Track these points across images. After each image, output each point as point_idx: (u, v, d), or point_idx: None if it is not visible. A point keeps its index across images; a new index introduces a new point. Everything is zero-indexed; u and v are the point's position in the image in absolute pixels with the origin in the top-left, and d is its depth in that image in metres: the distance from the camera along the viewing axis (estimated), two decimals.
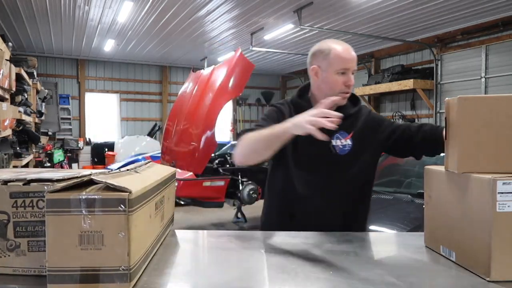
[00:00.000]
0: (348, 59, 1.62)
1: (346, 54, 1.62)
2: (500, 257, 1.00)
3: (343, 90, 1.63)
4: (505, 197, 1.00)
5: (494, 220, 1.00)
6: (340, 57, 1.62)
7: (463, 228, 1.12)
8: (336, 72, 1.62)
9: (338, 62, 1.61)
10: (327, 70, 1.63)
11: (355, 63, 1.65)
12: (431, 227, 1.30)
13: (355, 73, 1.67)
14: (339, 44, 1.65)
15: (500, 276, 1.00)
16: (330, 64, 1.62)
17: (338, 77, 1.62)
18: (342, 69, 1.61)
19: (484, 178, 1.03)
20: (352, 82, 1.64)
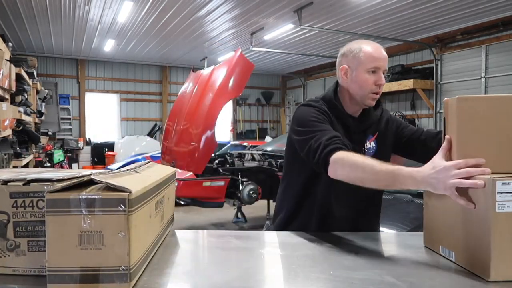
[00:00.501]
0: (379, 57, 1.57)
1: (377, 52, 1.58)
2: (500, 257, 1.00)
3: (374, 89, 1.58)
4: (504, 197, 0.99)
5: (494, 220, 0.99)
6: (371, 55, 1.56)
7: (462, 228, 1.12)
8: (367, 71, 1.56)
9: (369, 61, 1.56)
10: (357, 69, 1.58)
11: (386, 62, 1.60)
12: (430, 227, 1.30)
13: (385, 73, 1.61)
14: (370, 44, 1.61)
15: (499, 276, 1.00)
16: (361, 63, 1.57)
17: (369, 76, 1.57)
18: (373, 67, 1.56)
19: (483, 178, 1.03)
20: (383, 81, 1.58)
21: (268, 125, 14.26)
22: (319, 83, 12.46)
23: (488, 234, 1.00)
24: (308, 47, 9.56)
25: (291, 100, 13.79)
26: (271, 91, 14.26)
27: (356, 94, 1.61)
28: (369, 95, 1.59)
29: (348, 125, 1.63)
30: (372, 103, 1.62)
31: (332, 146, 1.40)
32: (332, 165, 1.37)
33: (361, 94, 1.59)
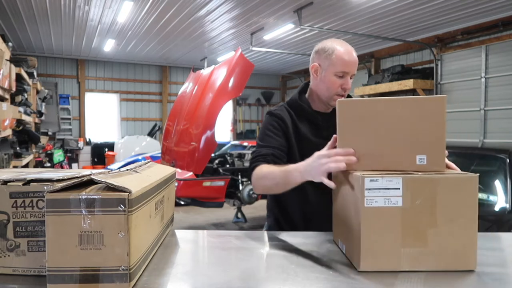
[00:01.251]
0: (349, 62, 1.60)
1: (348, 57, 1.60)
2: (369, 249, 1.07)
3: (339, 92, 1.63)
4: (372, 193, 1.06)
5: (363, 214, 1.07)
6: (341, 59, 1.60)
7: (347, 222, 1.20)
8: (335, 74, 1.61)
9: (338, 64, 1.60)
10: (327, 69, 1.63)
11: (355, 67, 1.63)
12: (335, 221, 1.37)
13: (353, 78, 1.66)
14: (343, 46, 1.62)
15: (368, 267, 1.07)
16: (331, 64, 1.61)
17: (336, 79, 1.61)
18: (341, 71, 1.60)
19: (355, 175, 1.10)
20: (349, 86, 1.63)
21: None
22: None
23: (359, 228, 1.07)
24: (308, 47, 9.56)
25: None
26: (271, 91, 14.26)
27: (322, 94, 1.67)
28: (334, 97, 1.64)
29: (316, 122, 1.70)
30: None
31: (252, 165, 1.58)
32: (252, 183, 1.57)
33: (327, 95, 1.66)
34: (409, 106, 1.18)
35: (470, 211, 1.08)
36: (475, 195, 1.08)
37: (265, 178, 1.48)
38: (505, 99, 7.03)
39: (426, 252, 1.07)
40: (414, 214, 1.07)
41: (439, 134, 1.18)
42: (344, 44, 1.64)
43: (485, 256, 1.21)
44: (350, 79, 1.63)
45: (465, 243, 1.08)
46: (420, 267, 1.08)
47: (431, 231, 1.07)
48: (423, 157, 1.18)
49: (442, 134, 1.18)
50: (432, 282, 1.02)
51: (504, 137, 6.93)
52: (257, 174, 1.52)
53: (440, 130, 1.17)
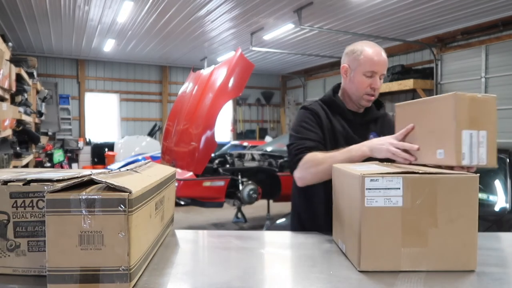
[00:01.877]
0: (378, 62, 1.64)
1: (377, 57, 1.64)
2: (369, 249, 1.07)
3: (368, 92, 1.67)
4: (372, 193, 1.06)
5: (363, 214, 1.07)
6: (370, 59, 1.64)
7: (347, 222, 1.20)
8: (364, 74, 1.65)
9: (367, 64, 1.64)
10: (356, 70, 1.67)
11: (385, 67, 1.67)
12: (335, 221, 1.38)
13: (383, 78, 1.69)
14: (372, 47, 1.67)
15: (369, 267, 1.07)
16: (359, 65, 1.65)
17: (365, 79, 1.65)
18: (370, 71, 1.64)
19: (356, 174, 1.11)
20: (378, 86, 1.67)
21: (268, 125, 14.26)
22: (319, 83, 12.46)
23: (359, 228, 1.08)
24: (308, 47, 9.56)
25: (291, 100, 13.79)
26: (271, 91, 14.26)
27: (352, 94, 1.72)
28: (364, 97, 1.69)
29: (349, 119, 1.74)
30: (366, 104, 1.72)
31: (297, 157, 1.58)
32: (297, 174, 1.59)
33: (357, 94, 1.70)
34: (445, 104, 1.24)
35: (470, 211, 1.08)
36: (475, 195, 1.08)
37: (321, 161, 1.50)
38: (505, 99, 7.03)
39: (426, 252, 1.07)
40: (414, 214, 1.07)
41: (456, 131, 1.21)
42: (373, 45, 1.68)
43: (485, 256, 1.21)
44: (380, 79, 1.67)
45: (465, 243, 1.08)
46: (420, 267, 1.08)
47: (431, 231, 1.07)
48: (441, 151, 1.23)
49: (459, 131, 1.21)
50: (432, 282, 1.02)
51: (504, 137, 6.93)
52: (308, 161, 1.54)
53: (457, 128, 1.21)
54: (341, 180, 1.27)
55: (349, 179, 1.18)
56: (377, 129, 1.77)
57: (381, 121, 1.82)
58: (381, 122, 1.81)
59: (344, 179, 1.24)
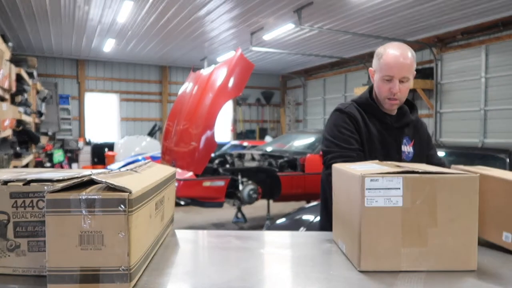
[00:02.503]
0: (394, 66, 1.59)
1: (394, 61, 1.60)
2: (369, 249, 1.07)
3: (388, 96, 1.64)
4: (372, 193, 1.06)
5: (363, 214, 1.06)
6: (386, 63, 1.61)
7: (346, 221, 1.21)
8: (382, 78, 1.63)
9: (384, 68, 1.62)
10: (377, 73, 1.67)
11: (403, 71, 1.60)
12: (335, 221, 1.37)
13: (407, 82, 1.63)
14: (394, 49, 1.62)
15: (369, 267, 1.07)
16: (379, 69, 1.65)
17: (384, 83, 1.63)
18: (386, 75, 1.61)
19: (356, 174, 1.10)
20: (396, 90, 1.61)
21: (268, 125, 14.26)
22: (319, 83, 12.46)
23: (359, 228, 1.07)
24: (308, 47, 9.56)
25: (291, 100, 13.80)
26: (271, 91, 14.26)
27: (378, 96, 1.71)
28: (385, 101, 1.66)
29: (385, 121, 1.71)
30: (390, 107, 1.68)
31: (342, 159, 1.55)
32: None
33: (380, 98, 1.69)
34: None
35: (470, 211, 1.08)
36: (475, 195, 1.08)
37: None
38: (505, 99, 7.03)
39: (426, 252, 1.07)
40: (414, 214, 1.07)
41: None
42: (397, 47, 1.63)
43: (485, 256, 1.21)
44: (403, 82, 1.61)
45: (465, 243, 1.08)
46: (420, 267, 1.08)
47: (432, 231, 1.07)
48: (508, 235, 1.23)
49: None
50: (432, 282, 1.02)
51: (504, 137, 6.93)
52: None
53: None
54: (341, 180, 1.27)
55: (349, 179, 1.18)
56: (410, 134, 1.75)
57: (413, 126, 1.79)
58: (413, 127, 1.78)
59: (344, 179, 1.24)
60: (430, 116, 8.56)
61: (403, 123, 1.74)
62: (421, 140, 1.79)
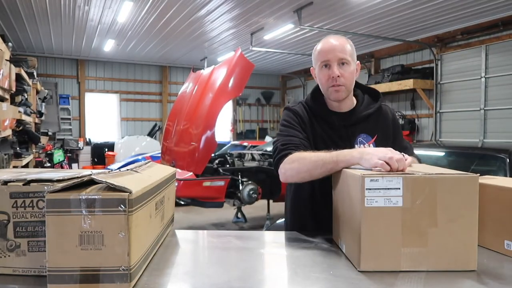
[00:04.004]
0: (327, 50, 1.54)
1: (326, 46, 1.55)
2: (369, 249, 1.07)
3: (330, 83, 1.55)
4: (372, 193, 1.06)
5: (363, 214, 1.07)
6: (320, 51, 1.56)
7: (347, 222, 1.20)
8: (320, 67, 1.57)
9: (319, 57, 1.56)
10: (315, 66, 1.61)
11: (338, 52, 1.53)
12: (334, 222, 1.37)
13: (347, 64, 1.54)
14: (325, 38, 1.59)
15: (368, 267, 1.07)
16: (316, 61, 1.59)
17: (322, 72, 1.56)
18: (323, 62, 1.55)
19: (356, 175, 1.10)
20: (336, 73, 1.52)
21: (268, 125, 14.26)
22: None
23: (359, 228, 1.07)
24: (308, 47, 9.56)
25: (291, 100, 13.80)
26: (271, 91, 14.25)
27: (323, 92, 1.62)
28: (329, 89, 1.56)
29: (331, 121, 1.61)
30: (337, 96, 1.57)
31: (283, 152, 1.49)
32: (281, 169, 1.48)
33: (324, 90, 1.60)
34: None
35: (470, 211, 1.08)
36: (475, 195, 1.08)
37: (307, 160, 1.39)
38: (505, 99, 7.03)
39: (426, 252, 1.07)
40: (414, 214, 1.07)
41: None
42: (328, 37, 1.60)
43: (485, 256, 1.21)
44: (343, 65, 1.53)
45: (466, 243, 1.08)
46: (420, 267, 1.08)
47: (432, 231, 1.07)
48: (510, 243, 1.23)
49: None
50: (432, 282, 1.02)
51: (504, 137, 6.93)
52: (294, 157, 1.44)
53: None
54: (341, 180, 1.27)
55: (349, 179, 1.18)
56: (369, 129, 1.61)
57: (375, 118, 1.64)
58: (374, 120, 1.63)
59: (344, 179, 1.24)
60: (430, 116, 8.56)
61: (356, 119, 1.61)
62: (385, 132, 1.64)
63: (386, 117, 1.68)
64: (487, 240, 1.29)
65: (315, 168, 1.36)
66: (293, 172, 1.44)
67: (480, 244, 1.17)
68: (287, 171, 1.46)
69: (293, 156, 1.45)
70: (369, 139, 1.60)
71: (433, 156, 3.66)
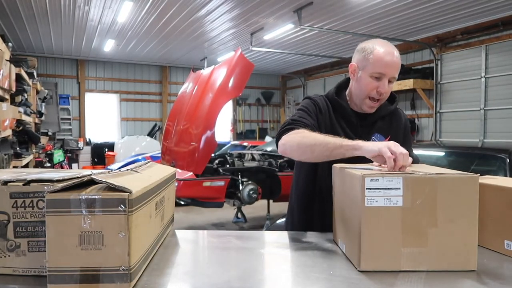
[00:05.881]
0: (388, 63, 1.49)
1: (388, 57, 1.49)
2: (369, 249, 1.07)
3: (373, 95, 1.53)
4: (372, 193, 1.06)
5: (363, 214, 1.07)
6: (379, 59, 1.49)
7: (346, 221, 1.21)
8: (371, 75, 1.51)
9: (376, 65, 1.49)
10: (364, 70, 1.54)
11: (395, 70, 1.52)
12: (334, 221, 1.37)
13: (393, 82, 1.54)
14: (384, 46, 1.52)
15: (369, 267, 1.07)
16: (368, 65, 1.52)
17: (372, 81, 1.51)
18: (378, 72, 1.50)
19: (356, 174, 1.10)
20: (385, 90, 1.51)
21: (268, 125, 14.26)
22: (319, 83, 12.46)
23: (359, 228, 1.08)
24: (308, 47, 9.56)
25: (291, 100, 13.79)
26: (271, 91, 14.25)
27: (356, 96, 1.60)
28: (366, 101, 1.56)
29: (351, 120, 1.62)
30: (368, 110, 1.58)
31: (289, 126, 1.46)
32: (283, 139, 1.43)
33: (360, 97, 1.57)
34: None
35: (470, 211, 1.08)
36: (475, 195, 1.08)
37: (311, 135, 1.36)
38: (505, 99, 7.03)
39: (427, 252, 1.07)
40: (414, 214, 1.07)
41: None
42: (386, 44, 1.53)
43: (485, 256, 1.21)
44: (390, 83, 1.52)
45: (466, 243, 1.08)
46: (420, 267, 1.08)
47: (432, 231, 1.07)
48: (510, 243, 1.23)
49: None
50: (432, 282, 1.02)
51: (504, 137, 6.93)
52: (299, 131, 1.41)
53: None
54: (341, 180, 1.27)
55: (349, 179, 1.18)
56: (384, 129, 1.63)
57: (389, 119, 1.67)
58: (389, 120, 1.67)
59: (344, 179, 1.24)
60: (430, 116, 8.56)
61: (373, 119, 1.63)
62: (398, 132, 1.67)
63: (399, 121, 1.72)
64: (487, 240, 1.29)
65: (317, 144, 1.32)
66: (293, 143, 1.39)
67: (480, 244, 1.16)
68: (287, 142, 1.41)
69: (299, 130, 1.42)
70: (382, 139, 1.61)
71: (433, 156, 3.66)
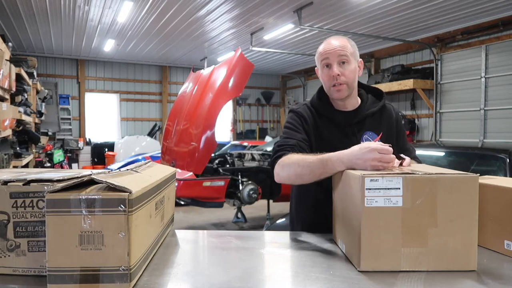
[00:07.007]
0: (326, 50, 1.59)
1: (326, 46, 1.61)
2: (369, 249, 1.07)
3: (331, 82, 1.58)
4: (372, 193, 1.07)
5: (363, 214, 1.07)
6: (320, 52, 1.61)
7: (346, 221, 1.21)
8: (322, 67, 1.61)
9: (320, 58, 1.61)
10: (318, 67, 1.65)
11: (337, 52, 1.56)
12: (334, 221, 1.37)
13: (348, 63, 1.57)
14: (327, 39, 1.64)
15: (369, 267, 1.07)
16: (318, 62, 1.64)
17: (324, 72, 1.61)
18: (323, 62, 1.60)
19: (355, 174, 1.11)
20: (335, 72, 1.55)
21: (268, 125, 14.26)
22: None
23: (359, 228, 1.08)
24: (308, 47, 9.56)
25: (291, 100, 13.79)
26: (271, 91, 14.25)
27: (326, 90, 1.66)
28: (331, 89, 1.60)
29: (337, 120, 1.64)
30: (339, 95, 1.60)
31: (277, 154, 1.51)
32: (275, 170, 1.49)
33: (327, 89, 1.64)
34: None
35: (470, 211, 1.08)
36: (475, 195, 1.08)
37: (296, 164, 1.40)
38: (505, 99, 7.03)
39: (426, 252, 1.07)
40: (414, 214, 1.07)
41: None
42: (330, 37, 1.64)
43: (485, 256, 1.21)
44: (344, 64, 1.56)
45: (465, 243, 1.08)
46: (420, 267, 1.08)
47: (432, 231, 1.07)
48: (510, 243, 1.23)
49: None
50: (432, 282, 1.02)
51: (504, 137, 6.93)
52: (286, 160, 1.45)
53: None
54: (341, 180, 1.27)
55: (349, 179, 1.18)
56: (374, 126, 1.64)
57: (379, 116, 1.68)
58: (379, 118, 1.67)
59: (344, 179, 1.24)
60: (430, 116, 8.56)
61: (361, 117, 1.64)
62: (389, 130, 1.67)
63: (390, 116, 1.72)
64: (487, 240, 1.29)
65: (304, 174, 1.38)
66: (289, 175, 1.45)
67: (480, 244, 1.16)
68: (279, 174, 1.48)
69: (285, 159, 1.46)
70: (374, 137, 1.61)
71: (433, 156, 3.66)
